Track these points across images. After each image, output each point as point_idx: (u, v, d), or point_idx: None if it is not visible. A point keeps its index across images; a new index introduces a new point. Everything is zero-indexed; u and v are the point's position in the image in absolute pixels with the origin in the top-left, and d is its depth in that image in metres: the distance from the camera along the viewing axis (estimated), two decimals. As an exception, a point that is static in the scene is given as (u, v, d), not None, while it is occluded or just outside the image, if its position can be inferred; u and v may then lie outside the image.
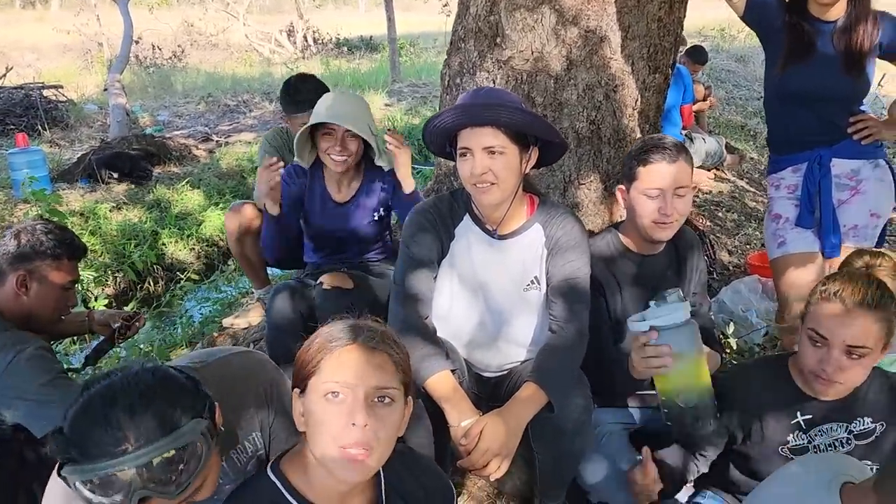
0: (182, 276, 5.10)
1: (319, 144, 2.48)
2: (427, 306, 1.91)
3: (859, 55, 2.28)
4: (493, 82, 2.60)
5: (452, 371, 1.78)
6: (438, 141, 1.88)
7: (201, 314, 4.50)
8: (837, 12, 2.29)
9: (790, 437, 1.73)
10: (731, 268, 4.14)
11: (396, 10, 14.20)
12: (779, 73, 2.39)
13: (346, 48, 18.94)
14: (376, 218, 2.62)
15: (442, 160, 2.79)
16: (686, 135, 5.62)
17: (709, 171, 5.78)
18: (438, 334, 1.94)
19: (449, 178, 2.88)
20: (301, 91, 2.97)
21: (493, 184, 1.75)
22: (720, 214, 5.03)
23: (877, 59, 2.38)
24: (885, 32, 2.30)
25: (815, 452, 1.72)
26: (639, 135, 2.69)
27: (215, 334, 3.42)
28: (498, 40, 2.57)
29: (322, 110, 2.42)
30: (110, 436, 1.07)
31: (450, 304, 1.95)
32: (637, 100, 2.68)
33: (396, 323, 1.83)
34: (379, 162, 2.55)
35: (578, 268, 1.88)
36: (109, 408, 1.09)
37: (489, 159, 1.73)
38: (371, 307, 1.94)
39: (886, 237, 3.01)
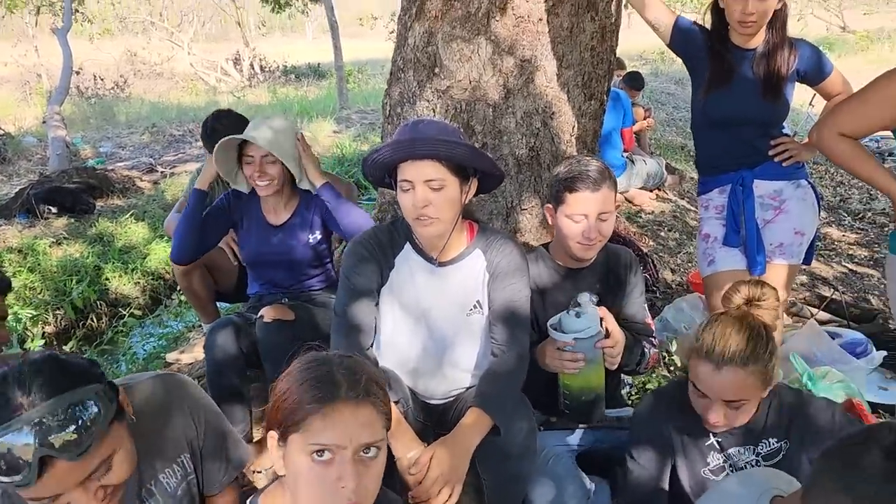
0: (125, 312, 4.97)
1: (244, 171, 2.55)
2: (368, 336, 1.92)
3: (777, 80, 2.40)
4: (433, 111, 2.64)
5: (395, 402, 1.78)
6: (377, 174, 1.89)
7: (145, 350, 4.40)
8: (757, 41, 2.41)
9: (710, 458, 1.74)
10: (673, 286, 4.23)
11: (344, 38, 14.27)
12: (702, 98, 2.50)
13: (293, 76, 18.92)
14: (313, 240, 2.65)
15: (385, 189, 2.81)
16: (628, 157, 5.76)
17: (650, 191, 5.93)
18: (383, 363, 1.95)
19: (392, 206, 2.89)
20: (218, 130, 3.00)
21: (434, 218, 1.77)
22: (662, 234, 5.15)
23: (797, 84, 2.51)
24: (802, 58, 2.43)
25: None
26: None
27: (160, 371, 3.34)
28: (436, 70, 2.62)
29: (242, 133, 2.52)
30: (5, 407, 1.12)
31: (392, 332, 1.96)
32: (574, 126, 2.75)
33: (338, 354, 1.82)
34: (301, 185, 2.60)
35: (519, 290, 1.91)
36: (2, 386, 1.14)
37: (431, 192, 1.75)
38: (313, 338, 1.93)
39: (815, 252, 3.13)
